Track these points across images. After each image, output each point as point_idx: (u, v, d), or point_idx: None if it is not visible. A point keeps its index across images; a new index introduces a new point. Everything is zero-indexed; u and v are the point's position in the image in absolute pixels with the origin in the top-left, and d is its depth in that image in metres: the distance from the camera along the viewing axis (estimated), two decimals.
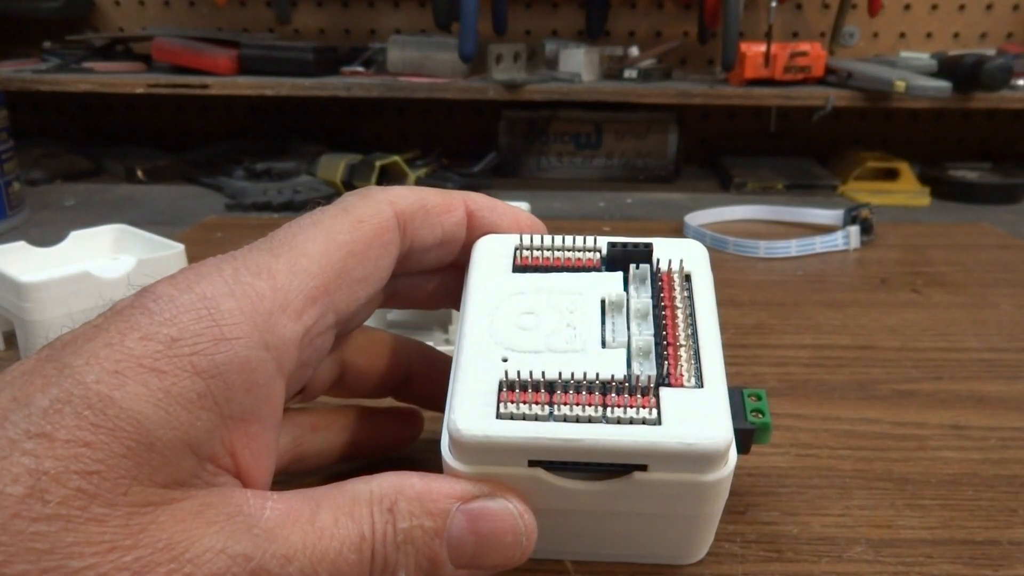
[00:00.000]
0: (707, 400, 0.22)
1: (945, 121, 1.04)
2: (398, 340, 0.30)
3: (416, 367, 0.30)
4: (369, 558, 0.20)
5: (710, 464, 0.22)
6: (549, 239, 0.27)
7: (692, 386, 0.22)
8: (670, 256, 0.26)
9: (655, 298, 0.25)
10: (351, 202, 0.25)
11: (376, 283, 0.25)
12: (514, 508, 0.22)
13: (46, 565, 0.17)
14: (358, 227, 0.24)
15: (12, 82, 0.85)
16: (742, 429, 0.25)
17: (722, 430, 0.21)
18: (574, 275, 0.26)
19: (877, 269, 0.60)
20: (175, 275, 0.21)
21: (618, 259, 0.26)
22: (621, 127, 0.93)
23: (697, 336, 0.24)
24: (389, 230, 0.24)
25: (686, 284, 0.25)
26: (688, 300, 0.25)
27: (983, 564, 0.27)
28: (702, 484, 0.22)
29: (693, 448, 0.21)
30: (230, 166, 0.89)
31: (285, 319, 0.21)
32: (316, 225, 0.23)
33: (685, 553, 0.27)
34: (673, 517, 0.24)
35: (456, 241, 0.27)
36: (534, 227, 0.28)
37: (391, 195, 0.25)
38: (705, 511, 0.24)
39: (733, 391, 0.24)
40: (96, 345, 0.19)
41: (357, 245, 0.23)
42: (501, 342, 0.24)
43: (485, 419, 0.22)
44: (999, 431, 0.35)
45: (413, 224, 0.25)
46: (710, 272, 0.26)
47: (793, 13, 1.01)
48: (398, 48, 0.89)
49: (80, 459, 0.17)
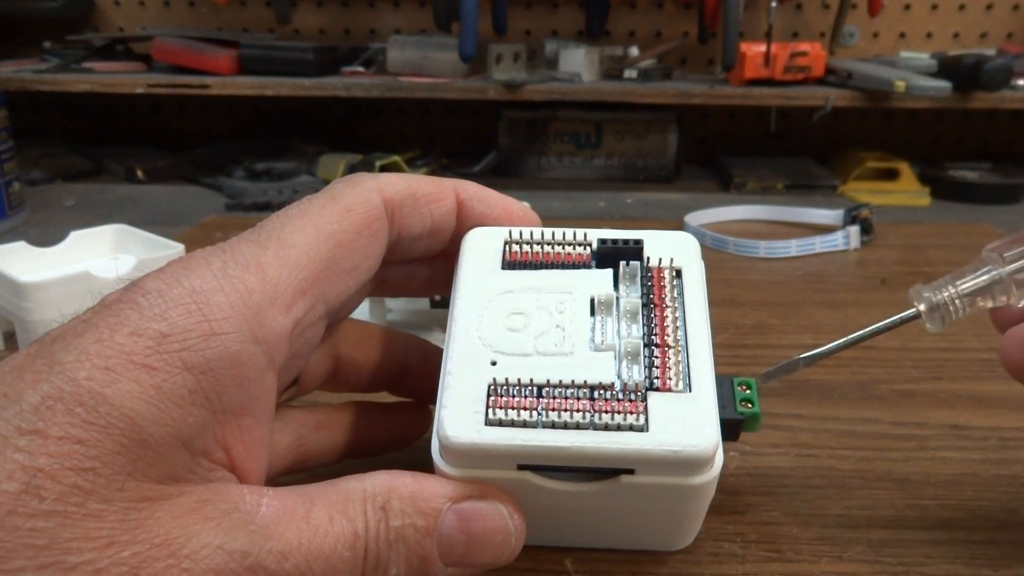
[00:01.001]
0: (695, 405, 0.22)
1: (945, 121, 1.04)
2: (393, 334, 0.30)
3: (411, 360, 0.30)
4: (362, 555, 0.20)
5: (696, 469, 0.22)
6: (539, 233, 0.26)
7: (680, 390, 0.22)
8: (661, 251, 0.26)
9: (645, 297, 0.25)
10: (339, 190, 0.24)
11: (366, 272, 0.24)
12: (504, 509, 0.22)
13: (44, 560, 0.17)
14: (346, 216, 0.24)
15: (12, 82, 0.85)
16: (731, 419, 0.25)
17: (708, 437, 0.21)
18: (564, 272, 0.25)
19: (877, 269, 0.60)
20: (163, 269, 0.21)
21: (608, 256, 0.26)
22: (621, 127, 0.93)
23: (687, 336, 0.24)
24: (378, 218, 0.24)
25: (677, 280, 0.25)
26: (678, 298, 0.25)
27: (983, 564, 0.27)
28: (688, 487, 0.22)
29: (679, 455, 0.21)
30: (230, 166, 0.89)
31: (275, 312, 0.21)
32: (304, 215, 0.23)
33: (673, 542, 0.27)
34: (661, 513, 0.25)
35: (446, 230, 0.27)
36: (525, 217, 0.28)
37: (380, 182, 0.25)
38: (692, 508, 0.25)
39: (723, 380, 0.24)
40: (86, 341, 0.19)
41: (346, 235, 0.23)
42: (490, 344, 0.24)
43: (474, 425, 0.22)
44: (999, 431, 0.35)
45: (402, 212, 0.25)
46: (702, 266, 0.26)
47: (793, 13, 1.01)
48: (398, 48, 0.89)
49: (74, 456, 0.17)
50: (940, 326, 0.26)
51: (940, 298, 0.25)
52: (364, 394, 0.30)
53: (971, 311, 0.26)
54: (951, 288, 0.25)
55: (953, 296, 0.25)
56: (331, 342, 0.28)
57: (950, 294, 0.25)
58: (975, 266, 0.25)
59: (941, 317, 0.26)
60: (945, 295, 0.25)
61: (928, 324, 0.26)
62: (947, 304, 0.25)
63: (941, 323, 0.26)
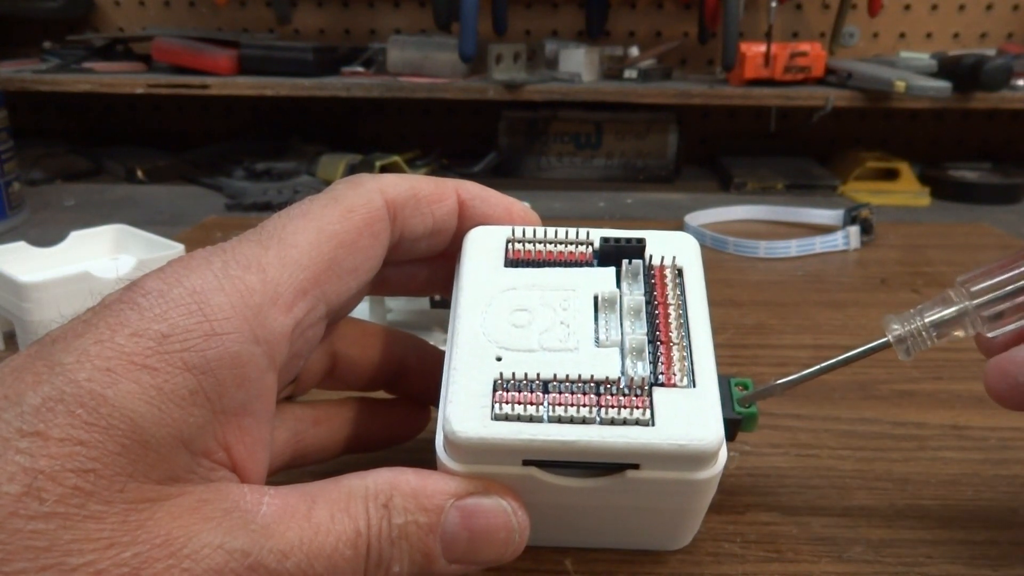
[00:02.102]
0: (699, 400, 0.22)
1: (945, 121, 1.04)
2: (391, 332, 0.30)
3: (409, 360, 0.30)
4: (364, 553, 0.20)
5: (701, 463, 0.22)
6: (541, 232, 0.26)
7: (684, 386, 0.23)
8: (662, 250, 0.26)
9: (648, 295, 0.25)
10: (341, 191, 0.24)
11: (367, 273, 0.24)
12: (508, 505, 0.22)
13: (45, 562, 0.17)
14: (348, 217, 0.23)
15: (12, 82, 0.85)
16: (729, 419, 0.25)
17: (713, 431, 0.22)
18: (566, 270, 0.26)
19: (877, 269, 0.60)
20: (163, 268, 0.21)
21: (611, 254, 0.26)
22: (621, 127, 0.93)
23: (689, 333, 0.24)
24: (380, 219, 0.24)
25: (678, 279, 0.25)
26: (680, 296, 0.25)
27: (983, 564, 0.27)
28: (693, 481, 0.22)
29: (685, 449, 0.21)
30: (230, 166, 0.89)
31: (275, 312, 0.21)
32: (306, 215, 0.23)
33: (673, 541, 0.27)
34: (663, 510, 0.25)
35: (448, 230, 0.27)
36: (526, 217, 0.28)
37: (381, 183, 0.25)
38: (695, 505, 0.25)
39: (720, 379, 0.24)
40: (86, 342, 0.19)
41: (347, 235, 0.23)
42: (495, 340, 0.24)
43: (480, 420, 0.22)
44: (999, 431, 0.35)
45: (404, 213, 0.25)
46: (701, 266, 0.26)
47: (793, 13, 1.01)
48: (398, 48, 0.89)
49: (75, 457, 0.17)
50: (909, 356, 0.26)
51: (908, 330, 0.26)
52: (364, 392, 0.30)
53: (942, 340, 0.26)
54: (919, 320, 0.26)
55: (920, 328, 0.26)
56: (329, 340, 0.28)
57: (917, 326, 0.26)
58: (944, 298, 0.26)
59: (908, 348, 0.26)
60: (912, 327, 0.26)
61: (899, 354, 0.27)
62: (915, 335, 0.26)
63: (908, 353, 0.26)
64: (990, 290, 0.25)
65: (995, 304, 0.25)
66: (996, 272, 0.25)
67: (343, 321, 0.28)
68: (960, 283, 0.26)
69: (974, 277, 0.26)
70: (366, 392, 0.30)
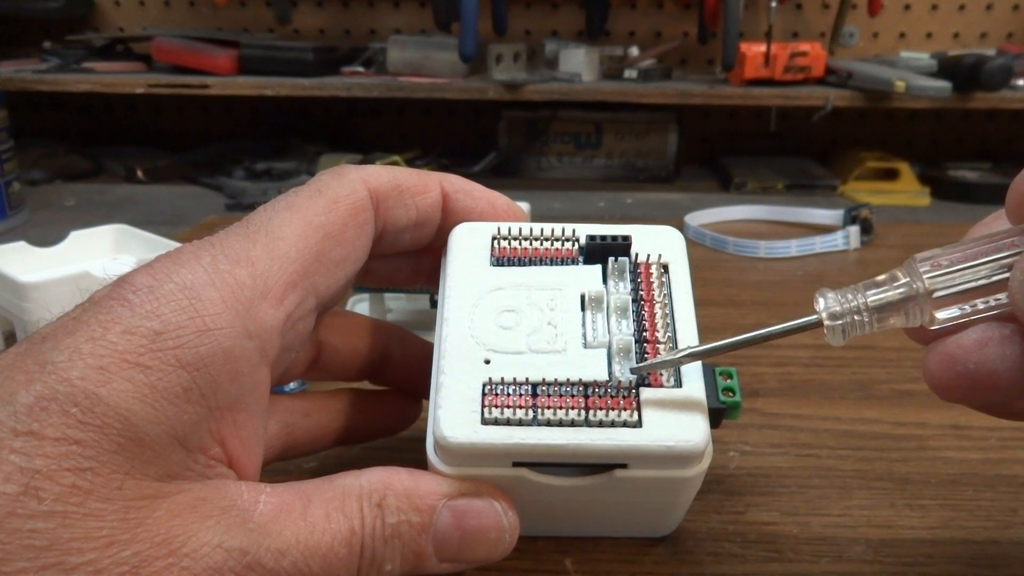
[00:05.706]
0: (685, 400, 0.22)
1: (945, 121, 1.04)
2: (374, 322, 0.30)
3: (392, 349, 0.30)
4: (358, 552, 0.21)
5: (688, 462, 0.22)
6: (527, 228, 0.26)
7: (671, 386, 0.23)
8: (648, 246, 0.26)
9: (634, 292, 0.25)
10: (324, 182, 0.24)
11: (354, 264, 0.24)
12: (498, 506, 0.23)
13: (45, 562, 0.17)
14: (333, 208, 0.23)
15: (12, 82, 0.85)
16: (713, 408, 0.25)
17: (700, 431, 0.22)
18: (552, 269, 0.26)
19: (877, 269, 0.59)
20: (152, 263, 0.21)
21: (596, 252, 0.26)
22: (621, 127, 0.93)
23: (676, 331, 0.24)
24: (364, 209, 0.24)
25: (664, 276, 0.25)
26: (667, 293, 0.25)
27: (983, 564, 0.27)
28: (680, 479, 0.23)
29: (672, 450, 0.22)
30: (230, 166, 0.89)
31: (266, 306, 0.21)
32: (291, 208, 0.23)
33: (659, 529, 0.28)
34: (651, 504, 0.25)
35: (431, 222, 0.27)
36: (510, 211, 0.28)
37: (364, 174, 0.25)
38: (681, 498, 0.25)
39: (705, 369, 0.24)
40: (78, 340, 0.19)
41: (333, 227, 0.23)
42: (483, 342, 0.24)
43: (471, 425, 0.22)
44: (999, 431, 0.35)
45: (387, 204, 0.25)
46: (687, 261, 0.26)
47: (793, 13, 1.01)
48: (398, 48, 0.89)
49: (71, 456, 0.17)
50: (841, 340, 0.22)
51: (845, 307, 0.21)
52: (349, 383, 0.30)
53: (879, 328, 0.21)
54: (860, 298, 0.21)
55: (860, 307, 0.21)
56: (313, 330, 0.28)
57: (857, 304, 0.21)
58: (893, 276, 0.21)
59: (843, 330, 0.21)
60: (850, 305, 0.21)
61: (828, 336, 0.22)
62: (850, 315, 0.21)
63: (843, 336, 0.22)
64: (959, 279, 0.20)
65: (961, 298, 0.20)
66: (969, 258, 0.20)
67: (327, 312, 0.28)
68: (918, 260, 0.21)
69: (934, 256, 0.21)
70: (350, 382, 0.30)
